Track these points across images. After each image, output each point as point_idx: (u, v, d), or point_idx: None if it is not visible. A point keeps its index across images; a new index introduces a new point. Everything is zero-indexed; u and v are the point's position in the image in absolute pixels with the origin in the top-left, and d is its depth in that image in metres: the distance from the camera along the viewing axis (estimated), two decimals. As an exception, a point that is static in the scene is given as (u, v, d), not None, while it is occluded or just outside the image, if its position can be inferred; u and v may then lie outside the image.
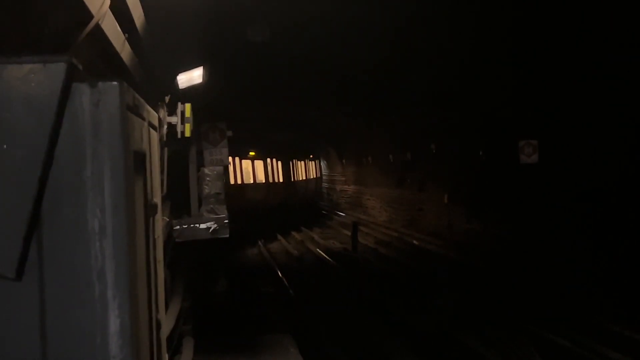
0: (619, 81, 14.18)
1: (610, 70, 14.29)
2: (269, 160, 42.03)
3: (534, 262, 17.34)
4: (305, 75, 18.77)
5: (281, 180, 44.10)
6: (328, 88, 21.14)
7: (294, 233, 31.39)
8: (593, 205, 15.67)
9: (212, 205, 9.66)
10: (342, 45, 15.09)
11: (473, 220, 22.81)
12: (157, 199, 3.76)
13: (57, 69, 2.35)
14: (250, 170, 39.60)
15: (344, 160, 44.37)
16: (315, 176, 49.17)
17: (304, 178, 48.08)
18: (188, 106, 8.52)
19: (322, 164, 51.46)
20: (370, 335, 13.11)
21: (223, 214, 9.54)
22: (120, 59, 4.64)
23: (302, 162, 48.03)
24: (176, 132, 8.43)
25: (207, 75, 9.50)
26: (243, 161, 38.23)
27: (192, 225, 9.38)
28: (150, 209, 3.34)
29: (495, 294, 15.54)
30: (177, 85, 9.10)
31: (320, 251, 24.76)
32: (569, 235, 16.54)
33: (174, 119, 8.36)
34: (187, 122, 8.54)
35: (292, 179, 46.27)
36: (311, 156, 48.01)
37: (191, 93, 9.57)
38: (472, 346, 11.97)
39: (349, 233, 26.13)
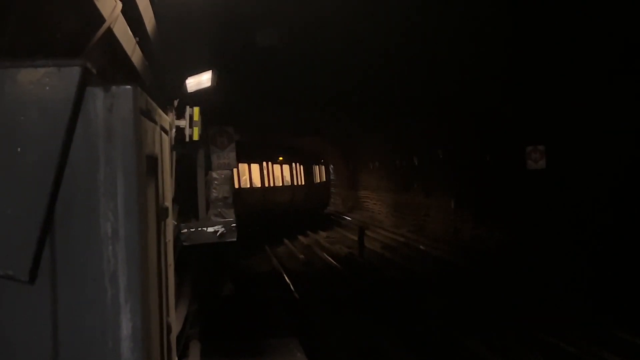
0: (627, 84, 14.15)
1: (617, 72, 14.27)
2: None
3: (541, 268, 17.28)
4: (313, 80, 18.79)
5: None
6: (335, 93, 21.16)
7: (300, 237, 31.38)
8: (601, 210, 15.62)
9: (220, 209, 9.66)
10: (350, 49, 15.11)
11: (480, 226, 22.77)
12: (168, 203, 3.76)
13: (71, 73, 2.36)
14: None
15: (350, 165, 44.37)
16: (324, 180, 48.20)
17: (317, 182, 47.36)
18: (196, 110, 8.51)
19: (330, 168, 51.28)
20: (375, 339, 13.09)
21: (231, 218, 9.54)
22: (131, 62, 4.66)
23: (316, 167, 47.41)
24: (184, 136, 8.42)
25: (216, 79, 9.51)
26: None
27: (199, 229, 9.37)
28: (161, 213, 3.35)
29: (502, 299, 15.50)
30: (186, 88, 9.11)
31: (326, 255, 24.74)
32: (577, 241, 16.48)
33: (183, 123, 8.35)
34: (196, 126, 8.53)
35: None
36: (321, 160, 47.18)
37: (200, 97, 9.58)
38: (477, 351, 11.94)
39: (355, 237, 26.09)
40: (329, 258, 23.92)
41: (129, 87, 2.46)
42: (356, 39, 14.33)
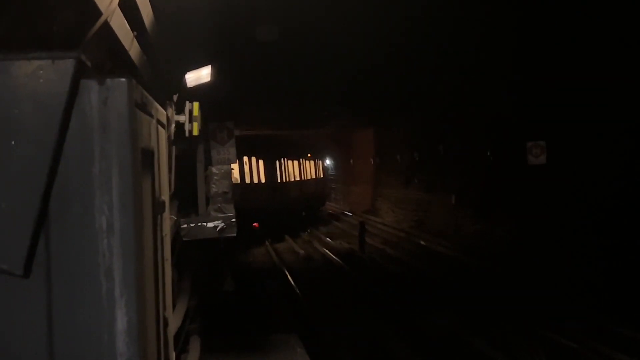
0: (630, 80, 14.12)
1: (621, 69, 14.24)
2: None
3: (542, 264, 17.27)
4: (313, 75, 18.76)
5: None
6: (336, 88, 21.13)
7: (301, 233, 31.39)
8: (602, 206, 15.60)
9: (219, 204, 9.65)
10: (350, 46, 15.08)
11: (481, 221, 22.75)
12: (165, 197, 3.75)
13: (66, 66, 2.34)
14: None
15: (351, 160, 44.35)
16: (314, 177, 46.26)
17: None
18: (196, 105, 8.50)
19: (330, 163, 51.10)
20: (378, 336, 13.09)
21: (231, 213, 9.53)
22: (129, 57, 4.63)
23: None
24: (184, 131, 8.41)
25: (215, 74, 9.49)
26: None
27: (199, 224, 9.36)
28: (158, 207, 3.33)
29: (503, 296, 15.49)
30: (185, 83, 9.09)
31: (327, 251, 24.74)
32: (578, 236, 16.47)
33: (182, 118, 8.34)
34: (195, 121, 8.52)
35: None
36: (308, 155, 45.35)
37: (199, 92, 9.56)
38: (479, 348, 11.93)
39: (356, 233, 26.10)
40: (330, 253, 23.94)
41: (123, 79, 2.44)
42: (357, 34, 14.30)
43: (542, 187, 18.21)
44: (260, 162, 33.82)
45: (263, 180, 33.85)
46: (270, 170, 35.07)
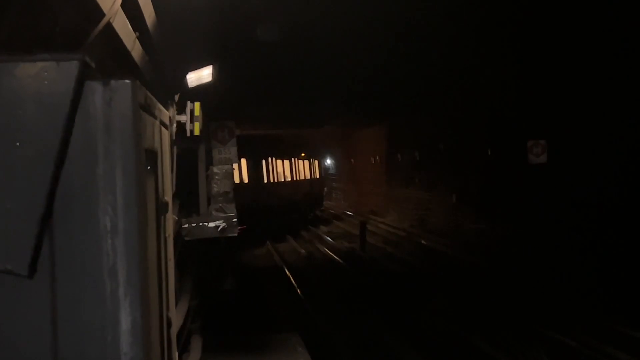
0: (631, 78, 14.13)
1: (622, 67, 14.24)
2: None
3: (542, 263, 17.27)
4: (313, 75, 18.78)
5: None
6: (337, 87, 21.15)
7: (303, 232, 31.38)
8: (603, 205, 15.59)
9: (220, 204, 9.65)
10: (350, 45, 15.10)
11: (482, 220, 22.74)
12: (168, 198, 3.76)
13: (70, 67, 2.35)
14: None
15: (352, 160, 44.32)
16: (307, 177, 44.67)
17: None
18: (197, 105, 8.50)
19: (330, 163, 51.00)
20: (379, 334, 13.10)
21: (232, 213, 9.53)
22: (131, 57, 4.64)
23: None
24: (185, 131, 8.41)
25: (217, 74, 9.50)
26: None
27: (200, 224, 9.36)
28: (161, 207, 3.35)
29: (503, 295, 15.49)
30: (187, 83, 9.10)
31: (328, 250, 24.74)
32: (579, 235, 16.46)
33: (183, 118, 8.34)
34: (196, 121, 8.52)
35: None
36: (304, 154, 44.10)
37: (200, 92, 9.56)
38: (480, 347, 11.93)
39: (357, 232, 26.10)
40: (331, 253, 23.94)
41: (127, 81, 2.46)
42: (357, 33, 14.32)
43: (543, 186, 18.20)
44: (243, 161, 31.34)
45: (246, 181, 31.78)
46: (254, 170, 33.05)
